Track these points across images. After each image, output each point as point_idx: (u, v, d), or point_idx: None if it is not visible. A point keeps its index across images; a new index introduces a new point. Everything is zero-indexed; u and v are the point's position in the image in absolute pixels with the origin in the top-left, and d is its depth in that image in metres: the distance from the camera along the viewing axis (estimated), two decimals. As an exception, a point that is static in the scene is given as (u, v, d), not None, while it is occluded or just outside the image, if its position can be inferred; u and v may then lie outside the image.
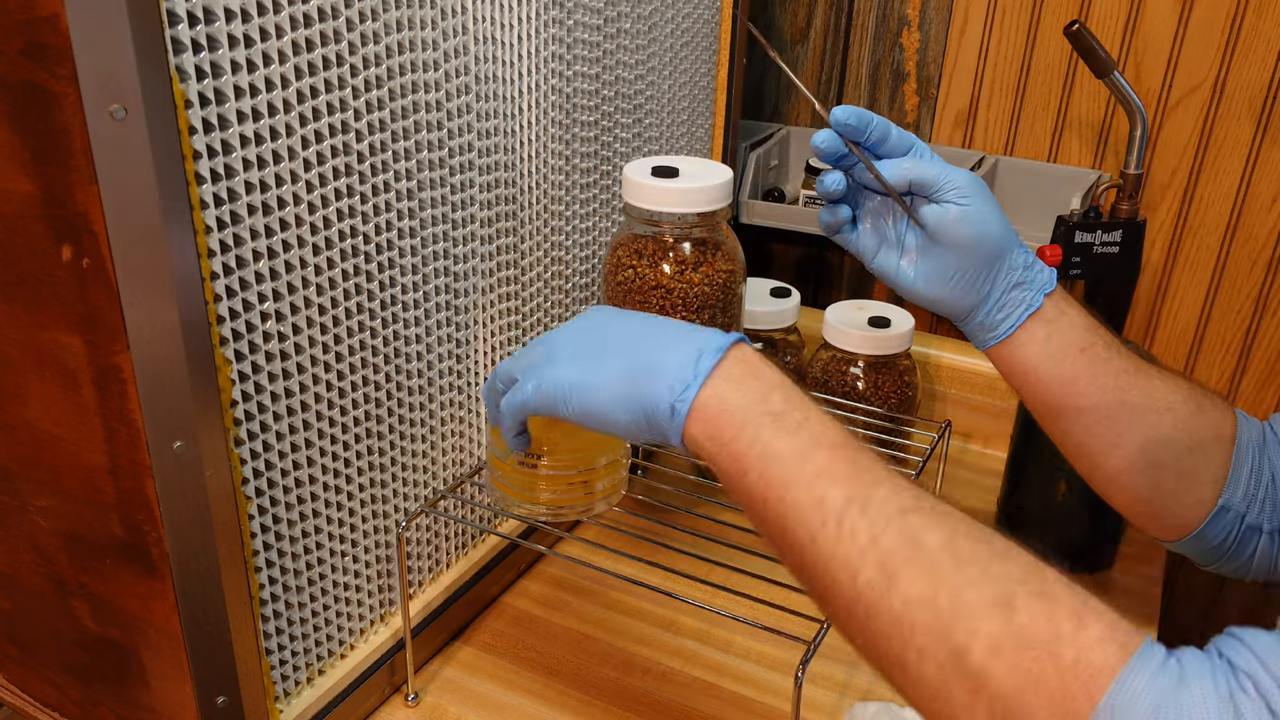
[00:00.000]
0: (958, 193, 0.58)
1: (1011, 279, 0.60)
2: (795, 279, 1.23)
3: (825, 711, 0.72)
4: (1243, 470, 0.60)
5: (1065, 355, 0.61)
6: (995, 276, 0.60)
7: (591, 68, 0.78)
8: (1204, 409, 0.61)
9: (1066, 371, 0.61)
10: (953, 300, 0.61)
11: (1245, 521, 0.61)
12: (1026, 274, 0.61)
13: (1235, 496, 0.60)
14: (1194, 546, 0.63)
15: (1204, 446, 0.60)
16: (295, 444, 0.59)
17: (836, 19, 1.12)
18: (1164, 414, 0.60)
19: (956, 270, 0.60)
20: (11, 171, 0.47)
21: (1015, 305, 0.61)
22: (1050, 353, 0.61)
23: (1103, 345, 0.61)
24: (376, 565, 0.69)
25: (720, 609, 0.62)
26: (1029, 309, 0.60)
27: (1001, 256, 0.60)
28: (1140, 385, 0.61)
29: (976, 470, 1.02)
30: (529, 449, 0.61)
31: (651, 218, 0.72)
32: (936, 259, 0.61)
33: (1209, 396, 0.62)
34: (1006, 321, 0.61)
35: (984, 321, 0.62)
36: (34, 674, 0.67)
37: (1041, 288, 0.61)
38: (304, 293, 0.56)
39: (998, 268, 0.60)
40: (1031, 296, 0.60)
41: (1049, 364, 0.61)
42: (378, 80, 0.58)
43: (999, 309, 0.61)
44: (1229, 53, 0.95)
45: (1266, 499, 0.61)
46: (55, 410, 0.53)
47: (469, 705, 0.72)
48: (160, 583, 0.54)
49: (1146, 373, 0.61)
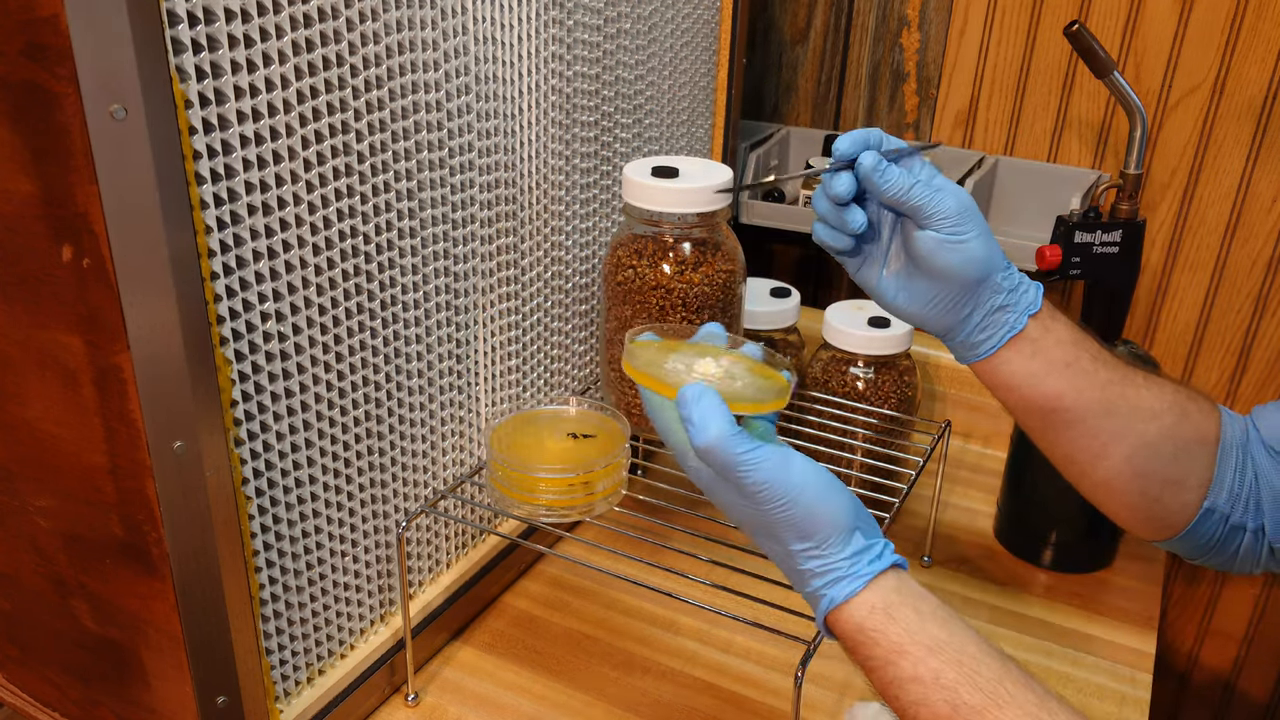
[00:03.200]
0: (945, 223, 0.57)
1: (994, 302, 0.60)
2: (795, 279, 1.23)
3: (825, 711, 0.72)
4: (1227, 472, 0.61)
5: (1049, 372, 0.61)
6: (976, 301, 0.60)
7: (591, 68, 0.78)
8: (1189, 414, 0.61)
9: (1050, 388, 0.61)
10: (932, 320, 0.62)
11: (1230, 521, 0.61)
12: (1011, 297, 0.60)
13: (1220, 498, 0.61)
14: (1181, 545, 0.64)
15: (1189, 451, 0.61)
16: (295, 444, 0.59)
17: (836, 19, 1.12)
18: (1149, 423, 0.60)
19: (936, 293, 0.60)
20: (11, 171, 0.47)
21: (997, 327, 0.60)
22: (1033, 370, 0.61)
23: (1089, 359, 0.61)
24: (376, 565, 0.69)
25: (720, 609, 0.62)
26: (1011, 331, 0.60)
27: (984, 282, 0.59)
28: (1126, 396, 0.61)
29: (976, 470, 1.02)
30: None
31: (651, 218, 0.72)
32: (918, 280, 0.60)
33: (1194, 399, 0.62)
34: (988, 342, 0.61)
35: (965, 340, 0.62)
36: (34, 674, 0.67)
37: (1026, 309, 0.60)
38: (304, 293, 0.56)
39: (979, 293, 0.60)
40: (1015, 319, 0.60)
41: (1032, 381, 0.61)
42: (378, 80, 0.58)
43: (980, 330, 0.61)
44: (1229, 53, 0.95)
45: (1250, 498, 0.61)
46: (55, 410, 0.53)
47: (469, 705, 0.72)
48: (160, 583, 0.54)
49: (1133, 381, 0.61)
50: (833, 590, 0.50)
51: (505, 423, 0.72)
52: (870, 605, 0.50)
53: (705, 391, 0.50)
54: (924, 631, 0.49)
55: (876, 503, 0.75)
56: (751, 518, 0.52)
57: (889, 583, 0.50)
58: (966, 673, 0.47)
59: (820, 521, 0.50)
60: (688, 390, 0.51)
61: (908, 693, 0.48)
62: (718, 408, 0.50)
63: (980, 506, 0.96)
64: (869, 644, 0.49)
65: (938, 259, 0.58)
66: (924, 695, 0.48)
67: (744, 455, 0.49)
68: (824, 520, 0.50)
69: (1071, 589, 0.86)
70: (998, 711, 0.46)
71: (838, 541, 0.50)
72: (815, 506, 0.50)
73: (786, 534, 0.51)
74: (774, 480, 0.49)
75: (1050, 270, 0.81)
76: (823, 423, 0.87)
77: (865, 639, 0.50)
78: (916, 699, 0.48)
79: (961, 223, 0.57)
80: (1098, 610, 0.83)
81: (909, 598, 0.50)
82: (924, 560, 0.88)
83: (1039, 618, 0.82)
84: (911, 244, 0.59)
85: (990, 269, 0.59)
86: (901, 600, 0.50)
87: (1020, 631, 0.80)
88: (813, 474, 0.51)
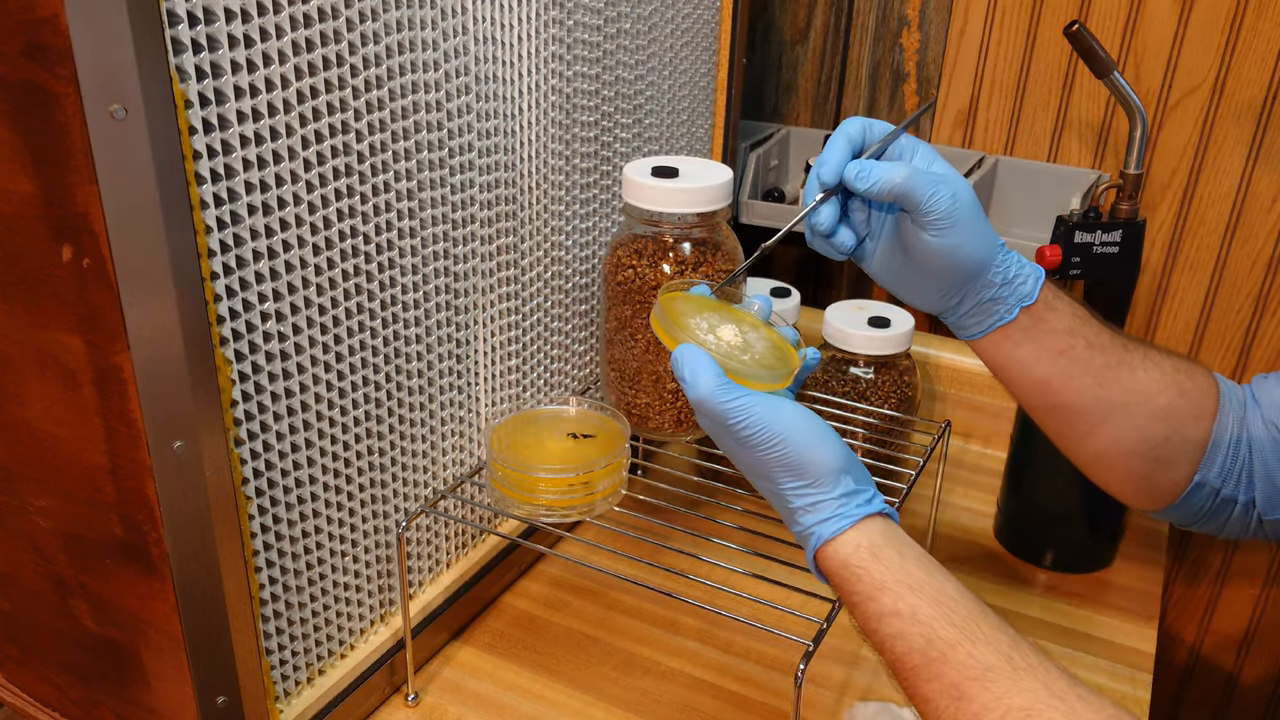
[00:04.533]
0: (938, 223, 0.57)
1: (985, 295, 0.60)
2: (795, 279, 1.23)
3: (825, 711, 0.72)
4: (1221, 446, 0.61)
5: (1039, 359, 0.61)
6: (965, 293, 0.60)
7: (591, 68, 0.78)
8: (1186, 392, 0.61)
9: (1040, 374, 0.61)
10: (919, 304, 0.62)
11: (1221, 495, 0.62)
12: (1004, 289, 0.60)
13: (1211, 473, 0.62)
14: (1171, 515, 0.65)
15: (1183, 431, 0.61)
16: (295, 444, 0.59)
17: (836, 19, 1.12)
18: (1143, 405, 0.61)
19: (924, 282, 0.60)
20: (11, 171, 0.47)
21: (986, 315, 0.60)
22: (1021, 358, 0.61)
23: (1083, 346, 0.61)
24: (376, 565, 0.69)
25: (720, 609, 0.62)
26: (1000, 321, 0.60)
27: (976, 277, 0.59)
28: (1120, 380, 0.61)
29: (976, 470, 1.02)
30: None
31: (651, 218, 0.72)
32: (908, 267, 0.60)
33: (1192, 376, 0.62)
34: (975, 328, 0.61)
35: (954, 323, 0.62)
36: (34, 674, 0.67)
37: (1020, 300, 0.60)
38: (304, 293, 0.56)
39: (969, 287, 0.60)
40: (1005, 310, 0.60)
41: (1020, 367, 0.61)
42: (378, 80, 0.58)
43: (968, 316, 0.61)
44: (1229, 53, 0.95)
45: (1243, 472, 0.62)
46: (55, 410, 0.53)
47: (469, 705, 0.72)
48: (160, 583, 0.54)
49: (1128, 364, 0.61)
50: (821, 528, 0.53)
51: (505, 423, 0.72)
52: (856, 544, 0.52)
53: (695, 350, 0.54)
54: (905, 571, 0.51)
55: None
56: (749, 462, 0.54)
57: (876, 525, 0.53)
58: (943, 610, 0.49)
59: (811, 461, 0.53)
60: (679, 351, 0.54)
61: (886, 625, 0.50)
62: (706, 364, 0.53)
63: (980, 506, 0.96)
64: (853, 579, 0.52)
65: (927, 257, 0.58)
66: (901, 629, 0.49)
67: (733, 403, 0.53)
68: (815, 460, 0.53)
69: (1071, 589, 0.86)
70: (970, 646, 0.48)
71: (828, 482, 0.53)
72: (806, 447, 0.53)
73: (780, 474, 0.53)
74: (765, 424, 0.52)
75: (1050, 270, 0.81)
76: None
77: (850, 574, 0.52)
78: (894, 632, 0.50)
79: (952, 224, 0.57)
80: (1098, 610, 0.83)
81: (894, 541, 0.52)
82: (924, 560, 0.88)
83: (1039, 618, 0.82)
84: (904, 233, 0.59)
85: (981, 267, 0.59)
86: (886, 542, 0.52)
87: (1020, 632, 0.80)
88: (802, 418, 0.54)
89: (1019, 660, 0.47)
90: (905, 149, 0.59)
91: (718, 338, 0.58)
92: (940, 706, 0.47)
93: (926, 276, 0.60)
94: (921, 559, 0.52)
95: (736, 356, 0.56)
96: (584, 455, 0.69)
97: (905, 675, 0.49)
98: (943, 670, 0.48)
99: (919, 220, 0.57)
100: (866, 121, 0.60)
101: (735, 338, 0.58)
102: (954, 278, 0.59)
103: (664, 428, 0.76)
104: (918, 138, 0.61)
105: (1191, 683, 1.19)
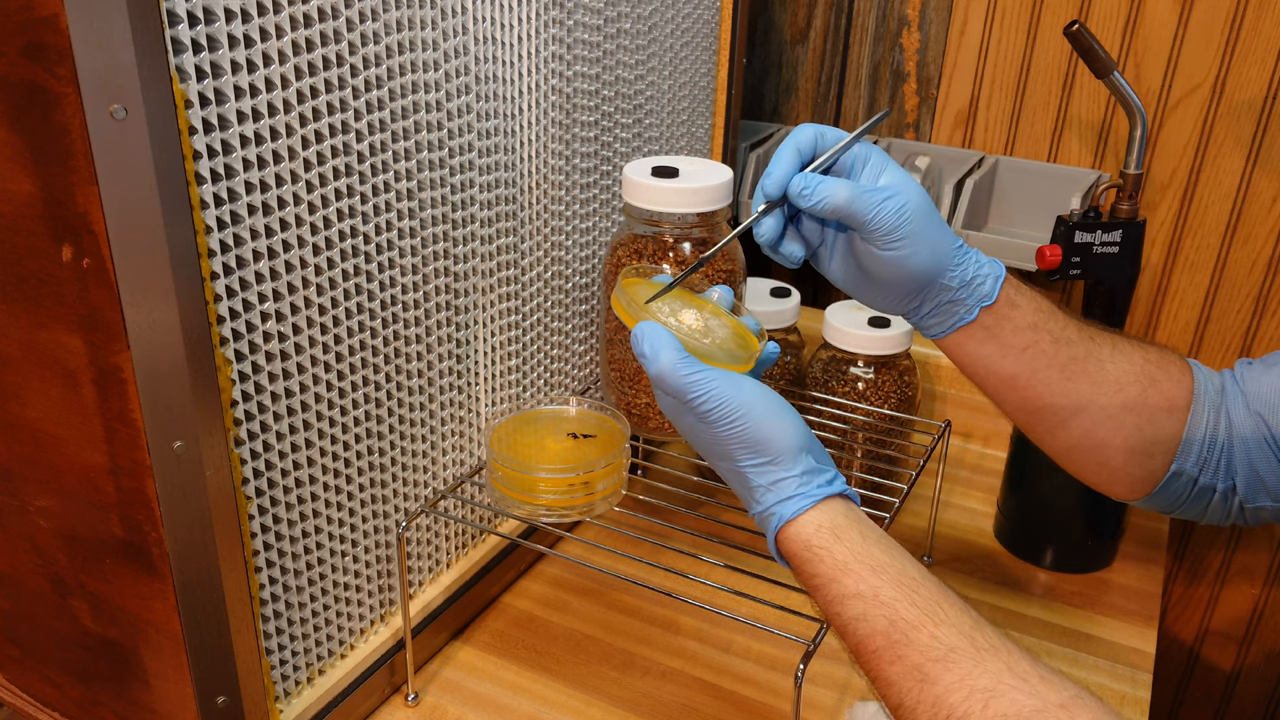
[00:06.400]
0: (885, 238, 0.56)
1: (943, 298, 0.59)
2: (795, 279, 1.23)
3: (825, 711, 0.72)
4: (1196, 436, 0.61)
5: (1003, 356, 0.60)
6: (924, 297, 0.60)
7: (591, 68, 0.78)
8: (1157, 382, 0.61)
9: (1005, 370, 0.61)
10: (880, 308, 0.62)
11: (1199, 483, 0.62)
12: (962, 292, 0.59)
13: (1188, 462, 0.61)
14: (1150, 504, 0.65)
15: (1155, 422, 0.61)
16: (295, 444, 0.59)
17: (836, 19, 1.12)
18: (1112, 397, 0.60)
19: (879, 289, 0.60)
20: (11, 171, 0.47)
21: (946, 316, 0.60)
22: (985, 355, 0.61)
23: (1048, 341, 0.60)
24: (376, 565, 0.69)
25: (720, 609, 0.62)
26: (960, 321, 0.60)
27: (931, 282, 0.59)
28: (1088, 373, 0.60)
29: (976, 470, 1.02)
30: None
31: (651, 218, 0.72)
32: (861, 274, 0.60)
33: (1164, 366, 0.61)
34: (936, 329, 0.61)
35: (917, 323, 0.62)
36: (34, 674, 0.67)
37: (980, 301, 0.59)
38: (304, 293, 0.56)
39: (925, 292, 0.59)
40: (965, 311, 0.60)
41: (985, 365, 0.61)
42: (378, 80, 0.58)
43: (929, 317, 0.61)
44: (1229, 53, 0.95)
45: (1221, 460, 0.61)
46: (55, 410, 0.53)
47: (469, 705, 0.72)
48: (160, 583, 0.54)
49: (1096, 358, 0.61)
50: (782, 508, 0.52)
51: (505, 423, 0.72)
52: (818, 524, 0.52)
53: (655, 327, 0.54)
54: (867, 553, 0.50)
55: (876, 502, 0.76)
56: (708, 440, 0.54)
57: (837, 506, 0.53)
58: (905, 591, 0.49)
59: (772, 437, 0.52)
60: (639, 328, 0.54)
61: (848, 608, 0.50)
62: (667, 340, 0.53)
63: (980, 506, 0.96)
64: (815, 560, 0.51)
65: (878, 267, 0.58)
66: (863, 610, 0.49)
67: (693, 377, 0.52)
68: (775, 436, 0.52)
69: (1071, 589, 0.86)
70: (934, 628, 0.47)
71: (789, 459, 0.53)
72: (765, 423, 0.52)
73: (740, 451, 0.53)
74: (724, 398, 0.52)
75: (1050, 270, 0.81)
76: (823, 423, 0.87)
77: (811, 555, 0.51)
78: (856, 614, 0.49)
79: (900, 237, 0.56)
80: (1098, 610, 0.84)
81: (855, 523, 0.52)
82: (925, 560, 0.88)
83: (1039, 618, 0.82)
84: (855, 245, 0.59)
85: (936, 274, 0.58)
86: (848, 523, 0.52)
87: (1020, 631, 0.80)
88: (762, 394, 0.53)
89: (982, 641, 0.47)
90: (857, 158, 0.58)
91: (679, 320, 0.58)
92: (903, 689, 0.47)
93: (880, 284, 0.59)
94: (883, 541, 0.52)
95: (697, 339, 0.56)
96: (584, 455, 0.69)
97: (868, 658, 0.49)
98: (905, 652, 0.47)
99: (866, 237, 0.57)
100: (819, 129, 0.58)
101: (696, 321, 0.58)
102: (909, 286, 0.59)
103: (664, 428, 0.76)
104: (872, 144, 0.60)
105: (1191, 683, 1.19)
